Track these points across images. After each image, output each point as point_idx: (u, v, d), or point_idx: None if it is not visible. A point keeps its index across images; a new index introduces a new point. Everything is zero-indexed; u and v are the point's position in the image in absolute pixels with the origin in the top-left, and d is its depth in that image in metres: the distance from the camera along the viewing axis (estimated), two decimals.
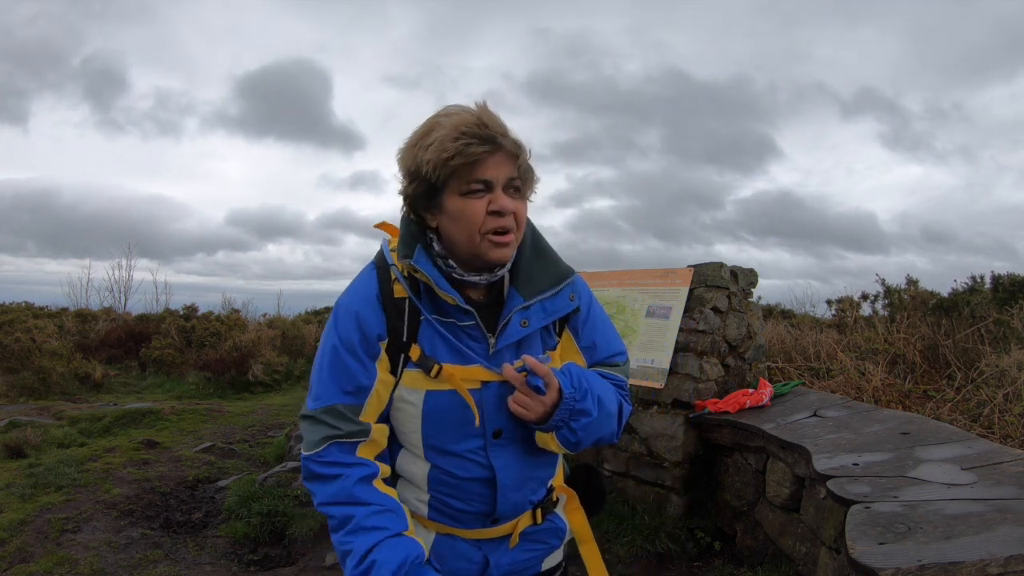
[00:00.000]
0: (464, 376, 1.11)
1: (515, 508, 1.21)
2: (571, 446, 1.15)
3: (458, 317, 1.12)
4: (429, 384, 1.11)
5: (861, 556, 1.53)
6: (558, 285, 1.17)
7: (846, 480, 2.14)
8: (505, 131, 1.06)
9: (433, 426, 1.12)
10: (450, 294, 1.09)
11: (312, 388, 1.14)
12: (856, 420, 2.89)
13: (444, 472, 1.15)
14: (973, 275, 7.72)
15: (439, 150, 1.02)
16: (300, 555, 3.57)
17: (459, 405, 1.11)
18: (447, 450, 1.14)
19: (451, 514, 1.18)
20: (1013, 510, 1.71)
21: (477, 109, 1.06)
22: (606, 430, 1.19)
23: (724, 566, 3.11)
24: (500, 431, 1.15)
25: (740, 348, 3.83)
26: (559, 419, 1.10)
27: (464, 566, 1.20)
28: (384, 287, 1.13)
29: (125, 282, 16.09)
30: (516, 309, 1.13)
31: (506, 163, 1.06)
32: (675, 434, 3.53)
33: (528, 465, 1.19)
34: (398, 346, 1.12)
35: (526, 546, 1.25)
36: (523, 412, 1.10)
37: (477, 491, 1.16)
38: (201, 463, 5.29)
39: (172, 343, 10.68)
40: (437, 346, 1.12)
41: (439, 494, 1.17)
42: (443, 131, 1.03)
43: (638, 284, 4.09)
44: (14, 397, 8.36)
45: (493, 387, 1.13)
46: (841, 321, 7.16)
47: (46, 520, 3.83)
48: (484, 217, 1.06)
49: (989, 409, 3.40)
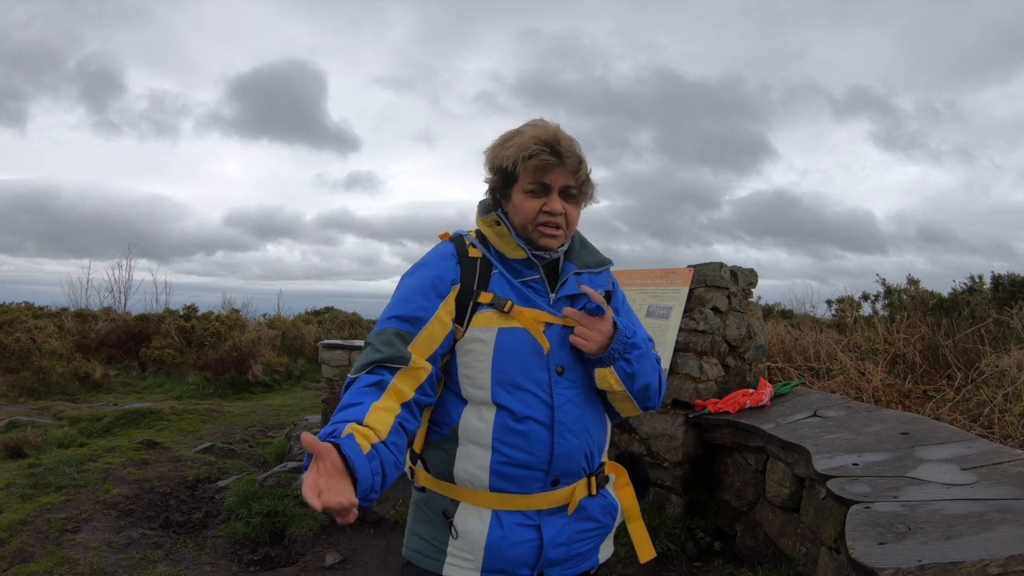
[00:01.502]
0: (532, 316, 1.27)
1: (572, 459, 1.26)
2: (628, 380, 1.29)
3: (524, 273, 1.31)
4: (501, 322, 1.25)
5: (861, 556, 1.53)
6: (602, 266, 1.41)
7: (846, 480, 2.14)
8: (572, 149, 1.28)
9: (504, 361, 1.24)
10: (521, 244, 1.30)
11: (380, 318, 1.28)
12: (856, 420, 2.89)
13: (509, 415, 1.23)
14: (973, 275, 7.72)
15: (518, 150, 1.26)
16: (300, 555, 3.57)
17: (528, 342, 1.26)
18: (515, 384, 1.24)
19: (512, 475, 1.23)
20: (1013, 510, 1.71)
21: (553, 127, 1.29)
22: (653, 378, 1.33)
23: (724, 566, 3.12)
24: (563, 369, 1.27)
25: (740, 348, 3.83)
26: (615, 348, 1.26)
27: (519, 552, 1.23)
28: (460, 249, 1.32)
29: (125, 282, 16.09)
30: (573, 271, 1.34)
31: (566, 174, 1.28)
32: (675, 434, 3.53)
33: (585, 413, 1.29)
34: (469, 293, 1.27)
35: (581, 522, 1.29)
36: (583, 343, 1.25)
37: (538, 434, 1.23)
38: (201, 463, 5.29)
39: (172, 343, 10.68)
40: (507, 293, 1.29)
41: (503, 445, 1.22)
42: (524, 138, 1.27)
43: (638, 284, 4.09)
44: (14, 397, 8.36)
45: (556, 329, 1.28)
46: (841, 321, 7.16)
47: (46, 520, 3.83)
48: (538, 212, 1.28)
49: (989, 409, 3.40)
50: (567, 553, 1.27)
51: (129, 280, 16.16)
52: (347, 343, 6.06)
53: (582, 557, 1.30)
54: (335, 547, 3.64)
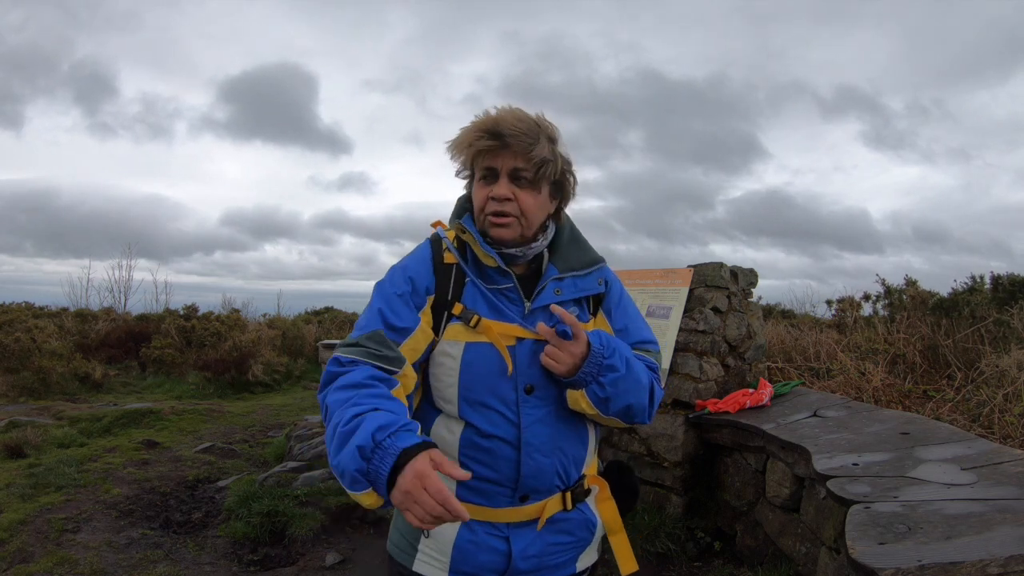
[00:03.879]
0: (501, 331, 1.21)
1: (541, 477, 1.22)
2: (601, 404, 1.20)
3: (498, 280, 1.25)
4: (469, 336, 1.21)
5: (861, 556, 1.52)
6: (589, 267, 1.32)
7: (846, 480, 2.13)
8: (517, 131, 1.19)
9: (470, 377, 1.20)
10: (489, 253, 1.23)
11: (357, 325, 1.23)
12: (856, 420, 2.89)
13: (476, 431, 1.20)
14: (973, 275, 7.72)
15: (460, 143, 1.23)
16: (300, 555, 3.57)
17: (495, 358, 1.20)
18: (481, 402, 1.20)
19: (479, 488, 1.20)
20: (1013, 510, 1.71)
21: (498, 112, 1.22)
22: (636, 398, 1.24)
23: (724, 566, 3.11)
24: (532, 387, 1.22)
25: (740, 348, 3.83)
26: (587, 372, 1.18)
27: (487, 559, 1.21)
28: (436, 254, 1.28)
29: (125, 282, 16.09)
30: (551, 278, 1.27)
31: (513, 157, 1.20)
32: (675, 434, 3.53)
33: (557, 432, 1.24)
34: (443, 303, 1.24)
35: (553, 535, 1.25)
36: (554, 364, 1.18)
37: (504, 453, 1.19)
38: (201, 463, 5.29)
39: (172, 343, 10.68)
40: (478, 304, 1.24)
41: (468, 460, 1.20)
42: (467, 128, 1.23)
43: (638, 284, 4.09)
44: (14, 397, 8.36)
45: (528, 344, 1.22)
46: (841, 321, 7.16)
47: (46, 520, 3.82)
48: (486, 200, 1.23)
49: (989, 409, 3.40)
50: (539, 564, 1.24)
51: (129, 280, 16.18)
52: None
53: (557, 567, 1.27)
54: (335, 547, 3.64)
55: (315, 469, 4.65)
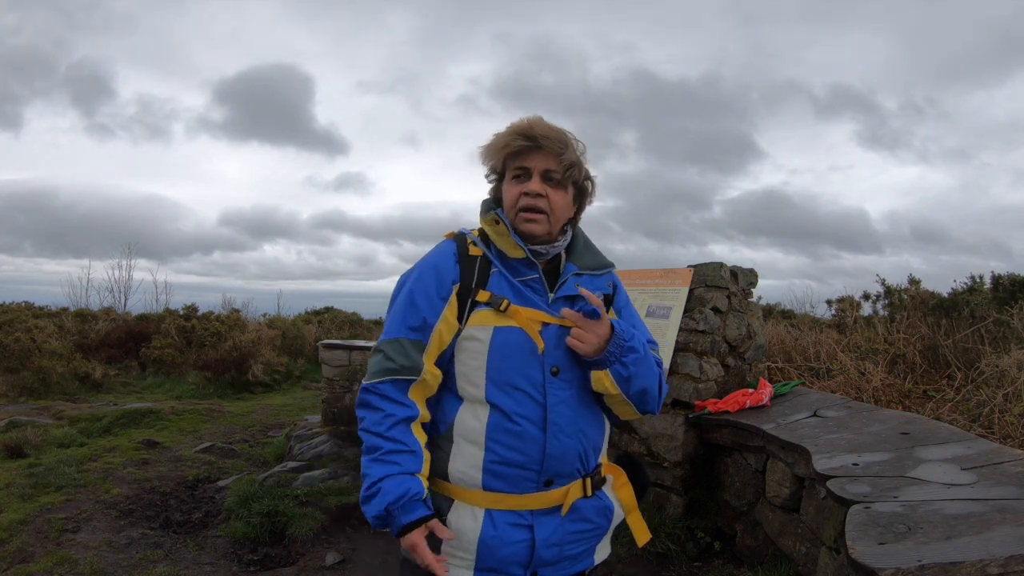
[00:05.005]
0: (529, 316, 1.28)
1: (565, 460, 1.27)
2: (623, 383, 1.28)
3: (523, 272, 1.33)
4: (497, 320, 1.27)
5: (861, 556, 1.52)
6: (602, 269, 1.43)
7: (846, 480, 2.13)
8: (549, 135, 1.29)
9: (498, 359, 1.26)
10: (518, 243, 1.30)
11: (384, 327, 1.33)
12: (856, 420, 2.89)
13: (503, 415, 1.25)
14: (973, 275, 7.72)
15: (497, 145, 1.33)
16: (300, 555, 3.57)
17: (523, 341, 1.27)
18: (509, 383, 1.25)
19: (505, 473, 1.24)
20: (1013, 510, 1.71)
21: (534, 119, 1.33)
22: (651, 381, 1.32)
23: (724, 566, 3.11)
24: (558, 369, 1.28)
25: (740, 348, 3.83)
26: (611, 352, 1.26)
27: (511, 551, 1.23)
28: (461, 248, 1.35)
29: (125, 282, 16.06)
30: (572, 272, 1.36)
31: (546, 158, 1.31)
32: (675, 434, 3.53)
33: (579, 415, 1.30)
34: (467, 291, 1.30)
35: (574, 523, 1.29)
36: (579, 345, 1.26)
37: (531, 434, 1.24)
38: (201, 463, 5.29)
39: (172, 343, 10.67)
40: (505, 292, 1.30)
41: (496, 444, 1.24)
42: (504, 133, 1.33)
43: (638, 284, 4.09)
44: (14, 397, 8.36)
45: (553, 329, 1.29)
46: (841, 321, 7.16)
47: (46, 520, 3.82)
48: (519, 196, 1.31)
49: (989, 409, 3.40)
50: (560, 554, 1.27)
51: (129, 280, 16.16)
52: (347, 343, 6.05)
53: (576, 558, 1.31)
54: (335, 547, 3.64)
55: (315, 469, 4.65)
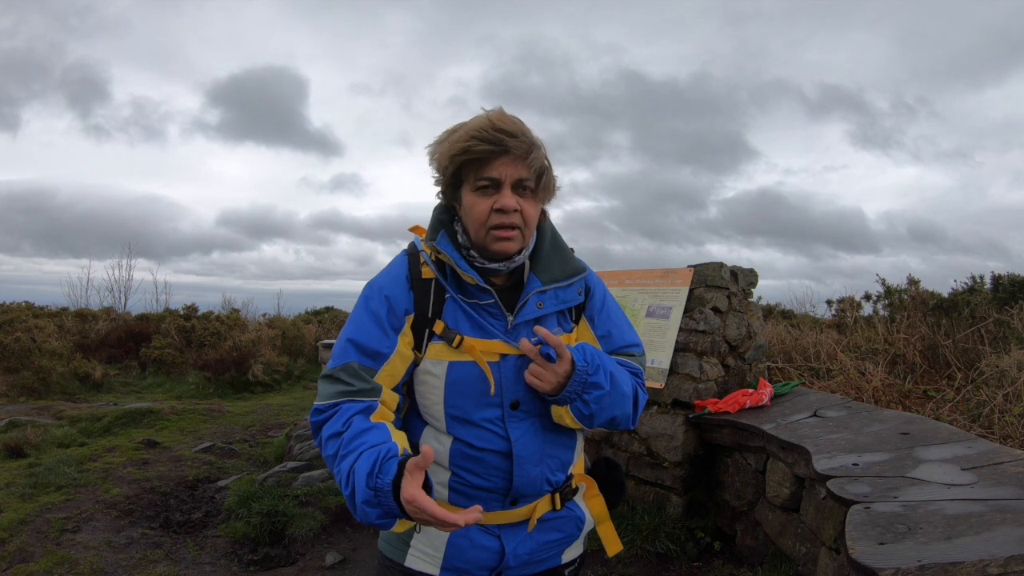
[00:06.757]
0: (484, 349, 1.19)
1: (532, 485, 1.23)
2: (585, 420, 1.20)
3: (479, 296, 1.20)
4: (452, 356, 1.19)
5: (861, 556, 1.53)
6: (571, 278, 1.27)
7: (846, 480, 2.14)
8: (516, 134, 1.14)
9: (454, 395, 1.19)
10: (469, 273, 1.18)
11: (333, 353, 1.22)
12: (856, 420, 2.89)
13: (465, 445, 1.19)
14: (973, 275, 7.73)
15: (452, 147, 1.15)
16: (300, 555, 3.57)
17: (479, 376, 1.18)
18: (468, 419, 1.19)
19: (471, 494, 1.21)
20: (1013, 510, 1.71)
21: (493, 113, 1.16)
22: (620, 410, 1.23)
23: (724, 566, 3.11)
24: (517, 403, 1.21)
25: (740, 348, 3.83)
26: (572, 391, 1.16)
27: (480, 555, 1.22)
28: (414, 269, 1.23)
29: (125, 282, 16.08)
30: (534, 292, 1.22)
31: (515, 164, 1.15)
32: (675, 434, 3.53)
33: (545, 441, 1.24)
34: (423, 321, 1.20)
35: (544, 534, 1.27)
36: (537, 383, 1.17)
37: (496, 464, 1.20)
38: (201, 463, 5.29)
39: (172, 343, 10.68)
40: (460, 321, 1.20)
41: (460, 471, 1.20)
42: (460, 132, 1.16)
43: (638, 284, 4.09)
44: (14, 397, 8.36)
45: (511, 360, 1.20)
46: (841, 321, 7.16)
47: (46, 520, 3.82)
48: (489, 213, 1.16)
49: (989, 409, 3.40)
50: (529, 560, 1.26)
51: (129, 280, 16.17)
52: None
53: (542, 560, 1.30)
54: (335, 547, 3.64)
55: (315, 469, 4.65)
